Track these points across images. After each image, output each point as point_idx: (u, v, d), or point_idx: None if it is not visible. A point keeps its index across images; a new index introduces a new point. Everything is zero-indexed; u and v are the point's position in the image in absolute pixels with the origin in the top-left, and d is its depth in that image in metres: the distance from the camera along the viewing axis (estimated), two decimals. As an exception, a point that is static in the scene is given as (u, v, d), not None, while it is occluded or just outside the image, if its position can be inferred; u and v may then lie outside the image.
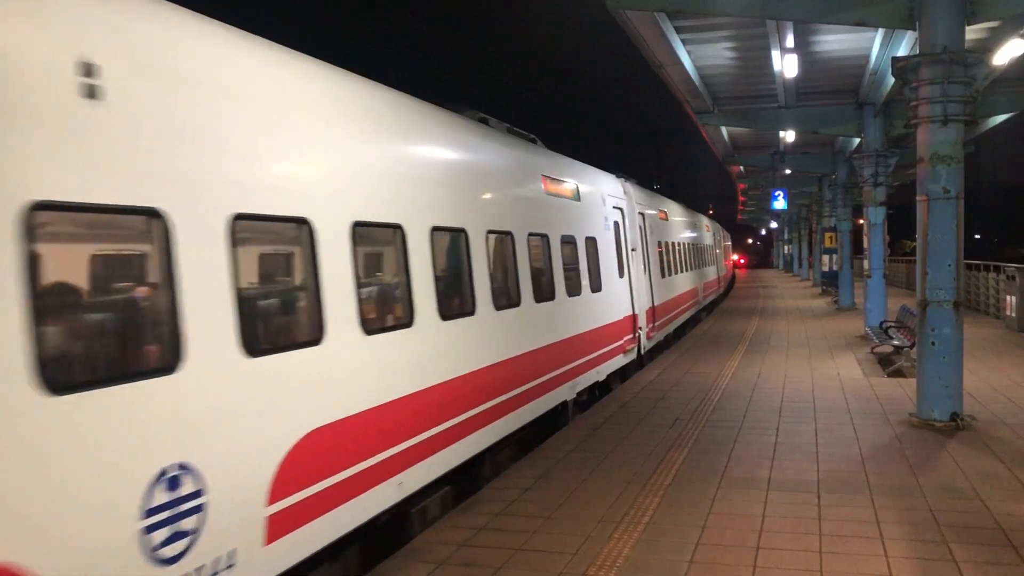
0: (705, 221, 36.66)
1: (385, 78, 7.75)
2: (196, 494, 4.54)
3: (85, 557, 3.89)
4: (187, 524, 4.48)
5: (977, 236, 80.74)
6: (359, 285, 6.33)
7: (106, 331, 4.52)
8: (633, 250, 16.82)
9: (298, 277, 5.98)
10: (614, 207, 15.32)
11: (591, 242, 13.37)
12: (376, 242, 7.03)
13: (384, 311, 7.16)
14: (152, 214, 4.46)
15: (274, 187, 5.54)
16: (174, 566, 4.37)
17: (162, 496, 4.31)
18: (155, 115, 4.51)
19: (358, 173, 6.57)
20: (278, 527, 5.17)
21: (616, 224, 15.42)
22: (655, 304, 18.83)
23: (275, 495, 5.16)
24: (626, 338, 15.25)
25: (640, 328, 16.74)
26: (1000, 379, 13.53)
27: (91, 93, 4.11)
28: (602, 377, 13.58)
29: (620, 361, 14.91)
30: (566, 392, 11.52)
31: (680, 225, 26.31)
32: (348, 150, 6.52)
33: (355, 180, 6.52)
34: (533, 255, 10.58)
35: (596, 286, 13.46)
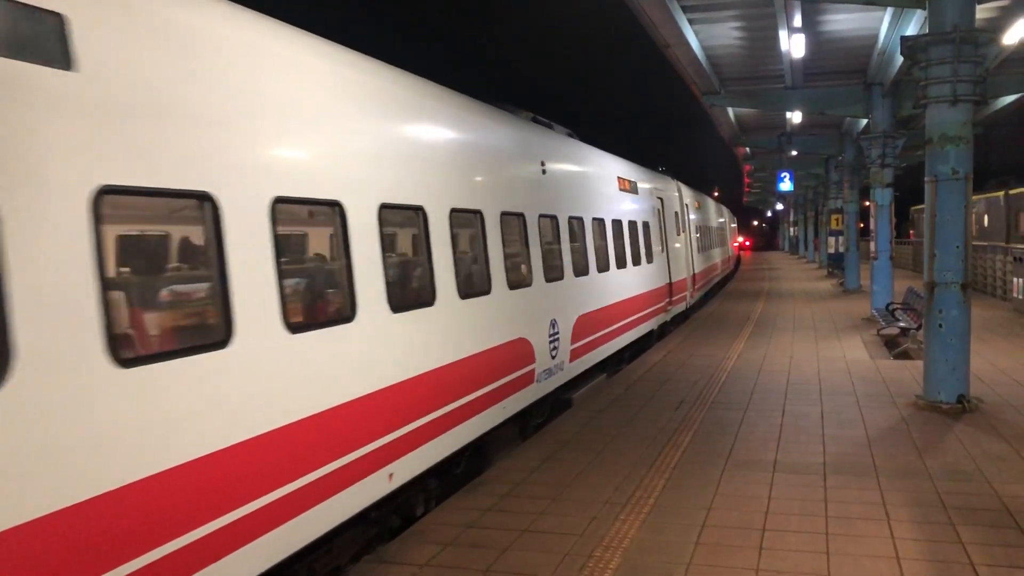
0: (721, 208, 42.15)
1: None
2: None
3: None
4: (555, 343, 9.77)
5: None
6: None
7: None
8: (684, 231, 22.50)
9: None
10: (659, 198, 19.14)
11: (645, 225, 17.08)
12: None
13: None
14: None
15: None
16: None
17: None
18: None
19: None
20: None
21: (674, 212, 21.08)
22: (695, 272, 24.47)
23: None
24: (673, 297, 19.57)
25: (688, 288, 22.57)
26: (1007, 361, 13.49)
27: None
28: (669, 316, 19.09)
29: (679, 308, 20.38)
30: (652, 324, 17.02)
31: (706, 212, 31.52)
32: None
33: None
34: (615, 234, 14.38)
35: (649, 257, 17.24)
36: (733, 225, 56.18)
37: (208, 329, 4.79)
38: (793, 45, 16.26)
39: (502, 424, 8.89)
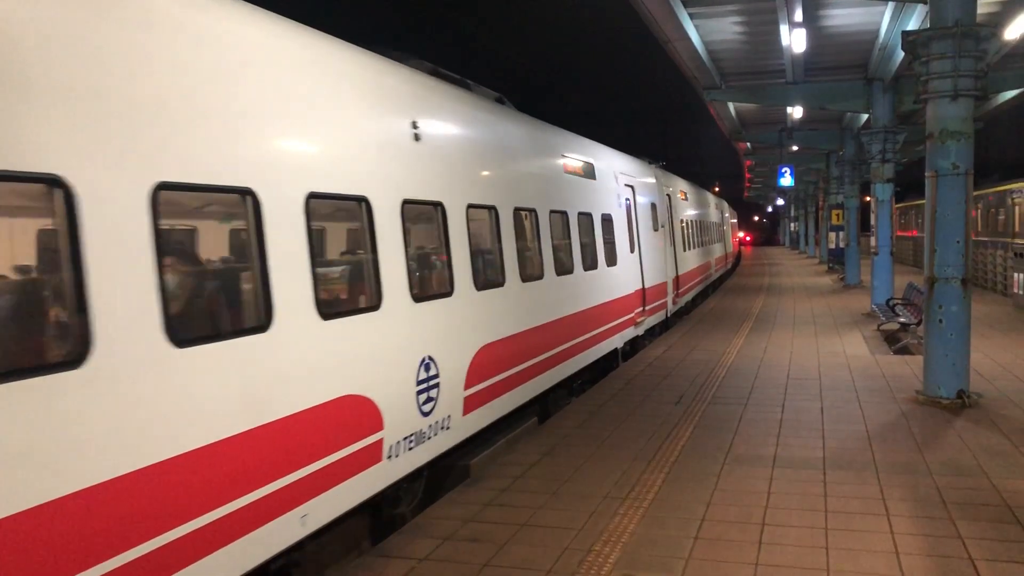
0: (717, 200, 38.75)
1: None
2: None
3: None
4: (433, 393, 6.86)
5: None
6: (408, 257, 7.07)
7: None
8: (662, 226, 18.77)
9: (362, 250, 6.69)
10: (628, 186, 16.06)
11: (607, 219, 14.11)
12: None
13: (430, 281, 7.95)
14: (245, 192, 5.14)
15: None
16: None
17: None
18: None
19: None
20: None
21: (650, 204, 17.89)
22: (679, 274, 21.09)
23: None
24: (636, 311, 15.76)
25: (668, 293, 18.96)
26: (1007, 357, 13.48)
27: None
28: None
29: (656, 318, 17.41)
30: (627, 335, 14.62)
31: (696, 205, 28.26)
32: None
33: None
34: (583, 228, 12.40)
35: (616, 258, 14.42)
36: (733, 220, 55.91)
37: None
38: (794, 40, 16.24)
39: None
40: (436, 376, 7.32)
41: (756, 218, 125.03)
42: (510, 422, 9.42)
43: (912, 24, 14.90)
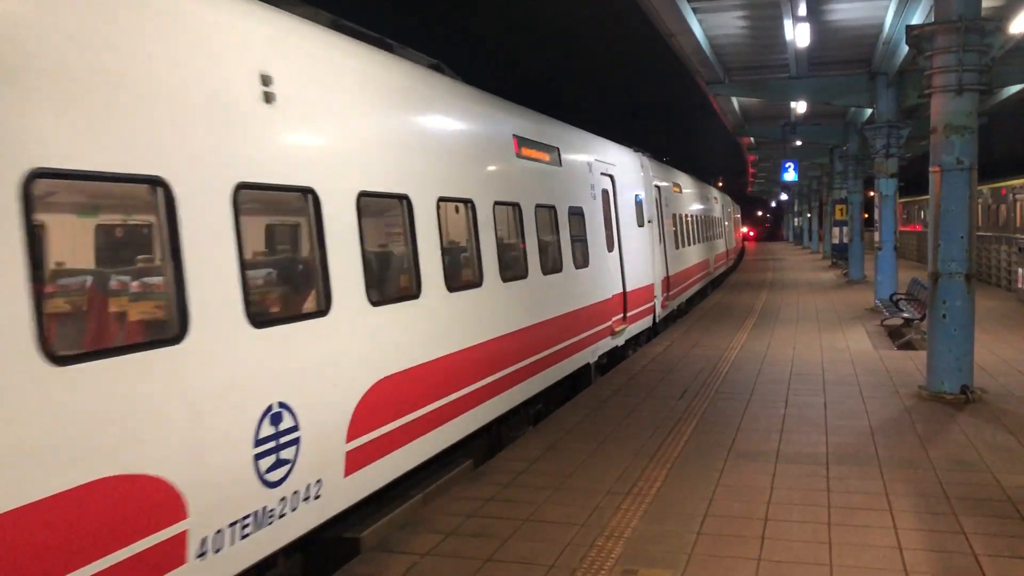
0: (717, 194, 37.02)
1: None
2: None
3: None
4: (287, 454, 5.30)
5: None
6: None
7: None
8: (649, 221, 16.93)
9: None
10: (607, 175, 14.21)
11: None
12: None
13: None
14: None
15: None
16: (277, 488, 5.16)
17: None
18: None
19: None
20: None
21: (635, 196, 16.09)
22: (670, 274, 19.18)
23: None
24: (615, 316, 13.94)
25: (655, 296, 16.98)
26: (1011, 352, 13.46)
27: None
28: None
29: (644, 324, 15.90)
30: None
31: (692, 198, 26.37)
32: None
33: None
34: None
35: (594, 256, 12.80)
36: (737, 216, 55.64)
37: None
38: (798, 34, 16.17)
39: None
40: (293, 429, 5.32)
41: (759, 213, 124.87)
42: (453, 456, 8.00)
43: (916, 18, 14.84)
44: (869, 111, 23.30)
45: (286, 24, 5.92)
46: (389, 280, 7.22)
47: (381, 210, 7.10)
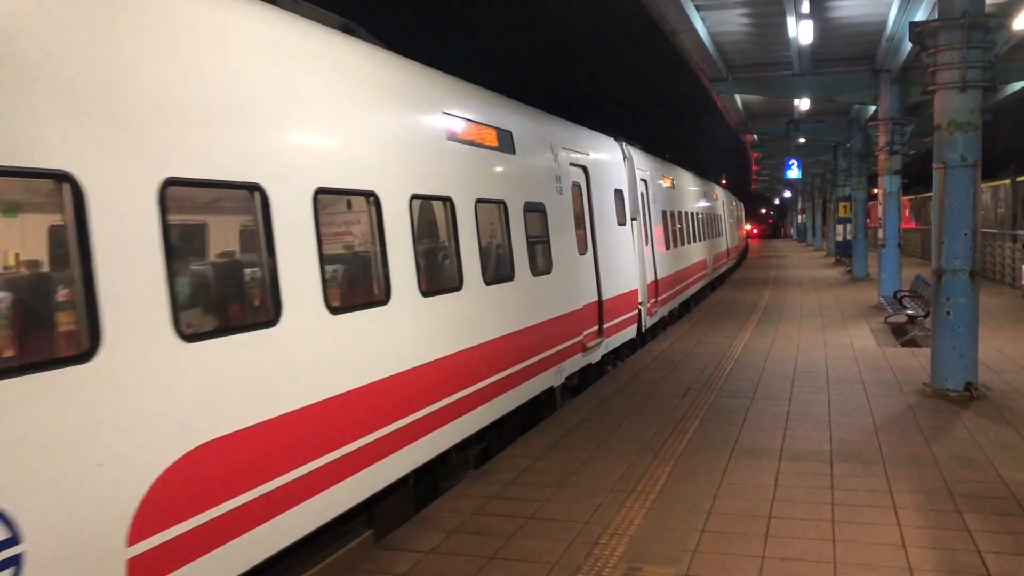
0: (716, 190, 35.59)
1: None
2: None
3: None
4: None
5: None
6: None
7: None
8: (633, 219, 15.14)
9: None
10: (579, 167, 12.29)
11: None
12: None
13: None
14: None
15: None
16: None
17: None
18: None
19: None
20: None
21: (614, 191, 14.10)
22: (658, 278, 17.36)
23: None
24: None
25: (640, 304, 15.20)
26: (1015, 349, 13.43)
27: None
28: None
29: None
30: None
31: (686, 193, 24.28)
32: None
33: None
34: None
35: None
36: (741, 213, 55.42)
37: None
38: (801, 31, 16.15)
39: None
40: (10, 542, 3.56)
41: (763, 210, 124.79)
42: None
43: (920, 15, 14.80)
44: (873, 108, 23.26)
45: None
46: (217, 302, 5.44)
47: (203, 210, 5.67)
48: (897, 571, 5.36)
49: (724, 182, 61.54)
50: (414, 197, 7.21)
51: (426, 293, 7.25)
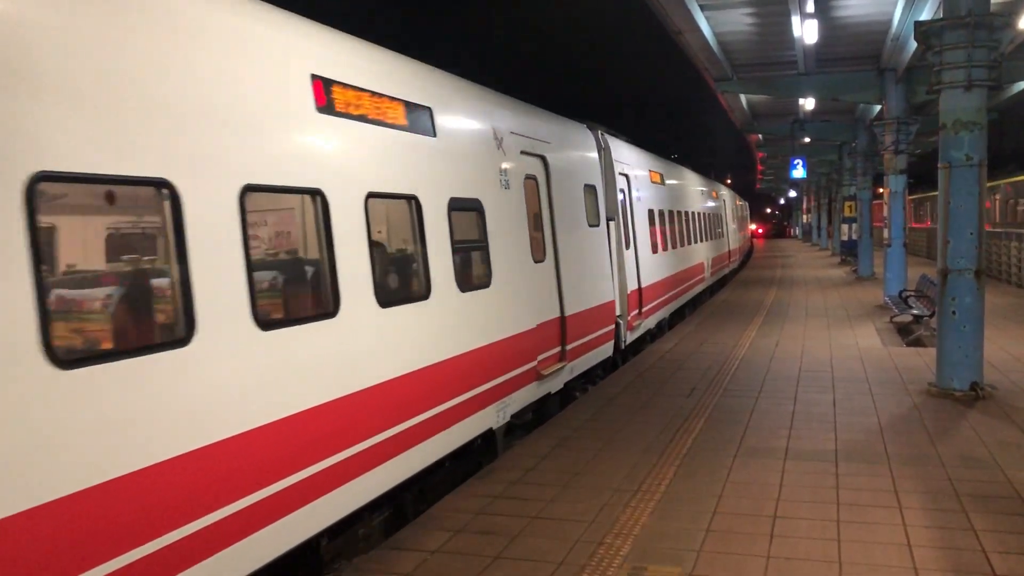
0: (717, 187, 33.33)
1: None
2: None
3: None
4: None
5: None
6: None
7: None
8: (610, 219, 13.32)
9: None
10: (538, 156, 10.41)
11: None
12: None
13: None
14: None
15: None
16: None
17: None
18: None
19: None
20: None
21: (584, 187, 12.21)
22: (643, 285, 15.36)
23: None
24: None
25: (619, 317, 13.34)
26: (1021, 349, 13.40)
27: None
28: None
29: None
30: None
31: (680, 190, 21.92)
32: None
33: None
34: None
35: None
36: (745, 213, 55.05)
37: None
38: (806, 31, 16.13)
39: None
40: None
41: (768, 210, 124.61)
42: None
43: (925, 14, 14.78)
44: (878, 107, 23.25)
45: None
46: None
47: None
48: (902, 571, 5.36)
49: (729, 181, 61.47)
50: (248, 189, 5.08)
51: (267, 325, 5.12)
